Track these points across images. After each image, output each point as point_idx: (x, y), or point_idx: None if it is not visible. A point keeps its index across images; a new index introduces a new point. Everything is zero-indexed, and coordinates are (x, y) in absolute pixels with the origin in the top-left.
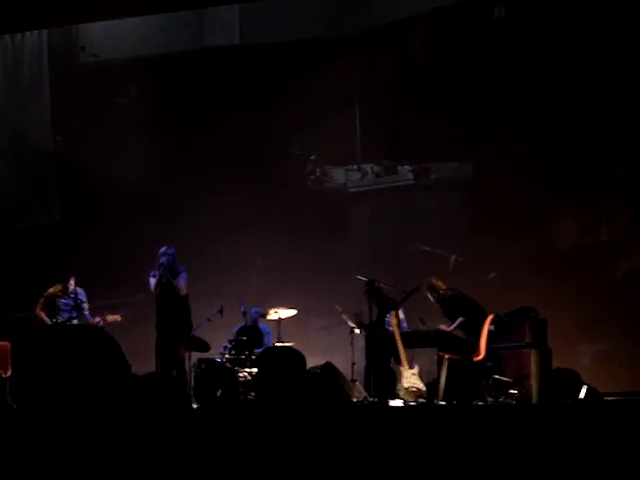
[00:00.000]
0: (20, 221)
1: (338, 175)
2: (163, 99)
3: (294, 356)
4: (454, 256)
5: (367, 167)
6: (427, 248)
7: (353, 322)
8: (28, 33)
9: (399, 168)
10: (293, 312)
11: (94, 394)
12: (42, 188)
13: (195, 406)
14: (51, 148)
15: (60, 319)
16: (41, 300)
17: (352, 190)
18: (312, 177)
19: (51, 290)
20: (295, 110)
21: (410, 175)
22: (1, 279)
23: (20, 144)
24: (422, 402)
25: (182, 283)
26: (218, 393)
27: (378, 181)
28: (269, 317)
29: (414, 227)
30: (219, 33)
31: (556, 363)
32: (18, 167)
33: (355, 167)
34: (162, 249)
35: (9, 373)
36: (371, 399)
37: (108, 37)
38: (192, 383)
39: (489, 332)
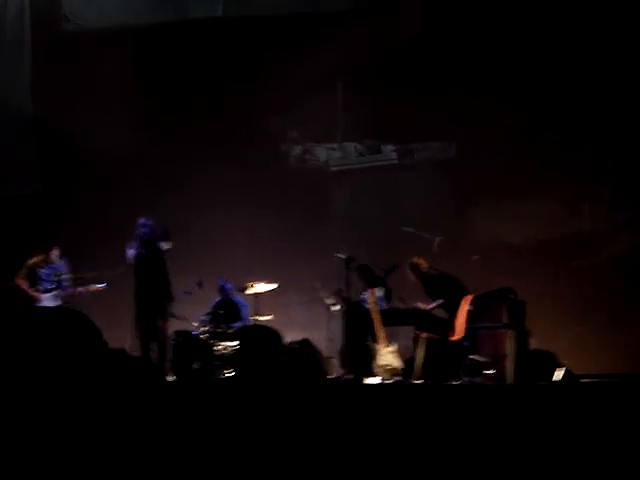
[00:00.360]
0: (8, 189)
1: (320, 153)
2: (146, 70)
3: (270, 334)
4: (438, 238)
5: (350, 146)
6: (410, 229)
7: (332, 299)
8: None
9: (382, 147)
10: (273, 286)
11: (71, 378)
12: (23, 156)
13: (171, 378)
14: (31, 113)
15: (41, 289)
16: (22, 269)
17: (334, 168)
18: (294, 154)
19: (33, 260)
20: (278, 85)
21: (394, 155)
22: None
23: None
24: (398, 380)
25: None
26: (195, 366)
27: (361, 160)
28: (248, 291)
29: (397, 207)
30: (202, 4)
31: (534, 345)
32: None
33: (337, 145)
34: (141, 220)
35: None
36: (347, 376)
37: (90, 4)
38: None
39: (467, 312)
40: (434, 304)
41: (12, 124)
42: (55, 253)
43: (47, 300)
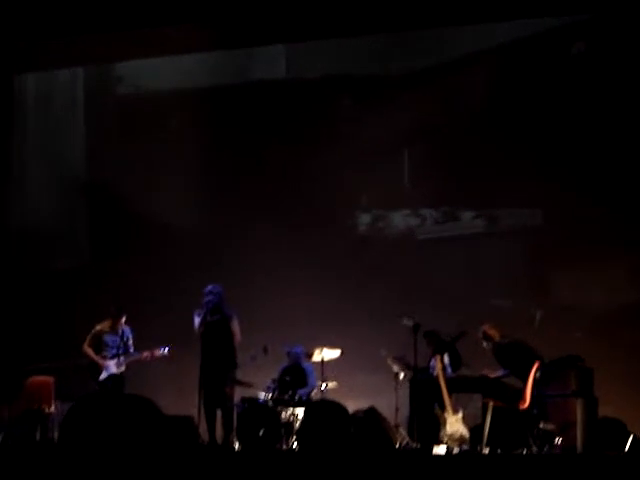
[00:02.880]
0: (57, 261)
1: (396, 220)
2: (205, 134)
3: (338, 412)
4: (540, 312)
5: (425, 212)
6: (501, 302)
7: (398, 366)
8: None
9: (460, 214)
10: (337, 352)
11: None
12: (75, 225)
13: (236, 445)
14: (84, 181)
15: (107, 355)
16: (89, 336)
17: (421, 237)
18: (364, 221)
19: (99, 327)
20: (346, 148)
21: (476, 222)
22: (41, 321)
23: (54, 176)
24: (465, 449)
25: (237, 329)
26: (260, 433)
27: (441, 228)
28: (314, 358)
29: (479, 276)
30: (265, 66)
31: (603, 412)
32: (54, 202)
33: (411, 212)
34: (208, 287)
35: (52, 408)
36: (414, 445)
37: (147, 68)
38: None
39: (534, 380)
40: (501, 372)
41: (66, 193)
42: (123, 320)
43: (113, 366)
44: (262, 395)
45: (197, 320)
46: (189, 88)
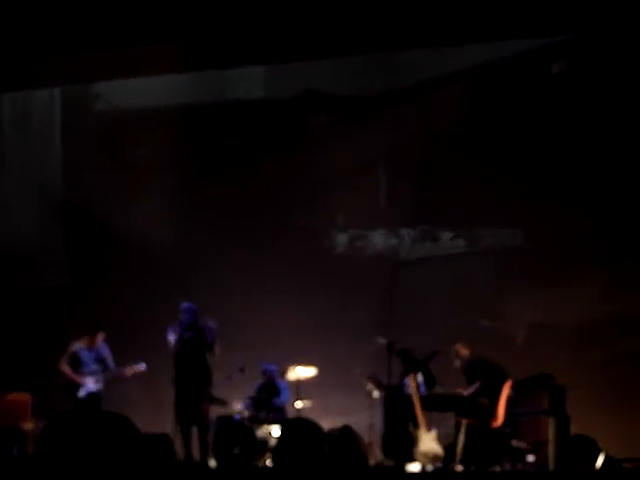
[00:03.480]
0: (34, 279)
1: (374, 240)
2: (184, 152)
3: (313, 430)
4: (522, 331)
5: (404, 232)
6: (487, 322)
7: (372, 384)
8: None
9: (439, 234)
10: (312, 371)
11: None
12: (53, 243)
13: (212, 463)
14: (61, 199)
15: (85, 371)
16: (65, 354)
17: (393, 256)
18: (342, 241)
19: (76, 344)
20: (323, 168)
21: (456, 242)
22: (19, 340)
23: (32, 193)
24: (439, 466)
25: (218, 348)
26: (236, 450)
27: (421, 248)
28: (288, 376)
29: (460, 297)
30: (243, 86)
31: (574, 430)
32: (32, 219)
33: (390, 232)
34: (184, 305)
35: (29, 425)
36: (388, 462)
37: (125, 85)
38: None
39: (507, 398)
40: (472, 389)
41: (43, 211)
42: (100, 337)
43: (91, 383)
44: (237, 412)
45: (172, 337)
46: (168, 106)
